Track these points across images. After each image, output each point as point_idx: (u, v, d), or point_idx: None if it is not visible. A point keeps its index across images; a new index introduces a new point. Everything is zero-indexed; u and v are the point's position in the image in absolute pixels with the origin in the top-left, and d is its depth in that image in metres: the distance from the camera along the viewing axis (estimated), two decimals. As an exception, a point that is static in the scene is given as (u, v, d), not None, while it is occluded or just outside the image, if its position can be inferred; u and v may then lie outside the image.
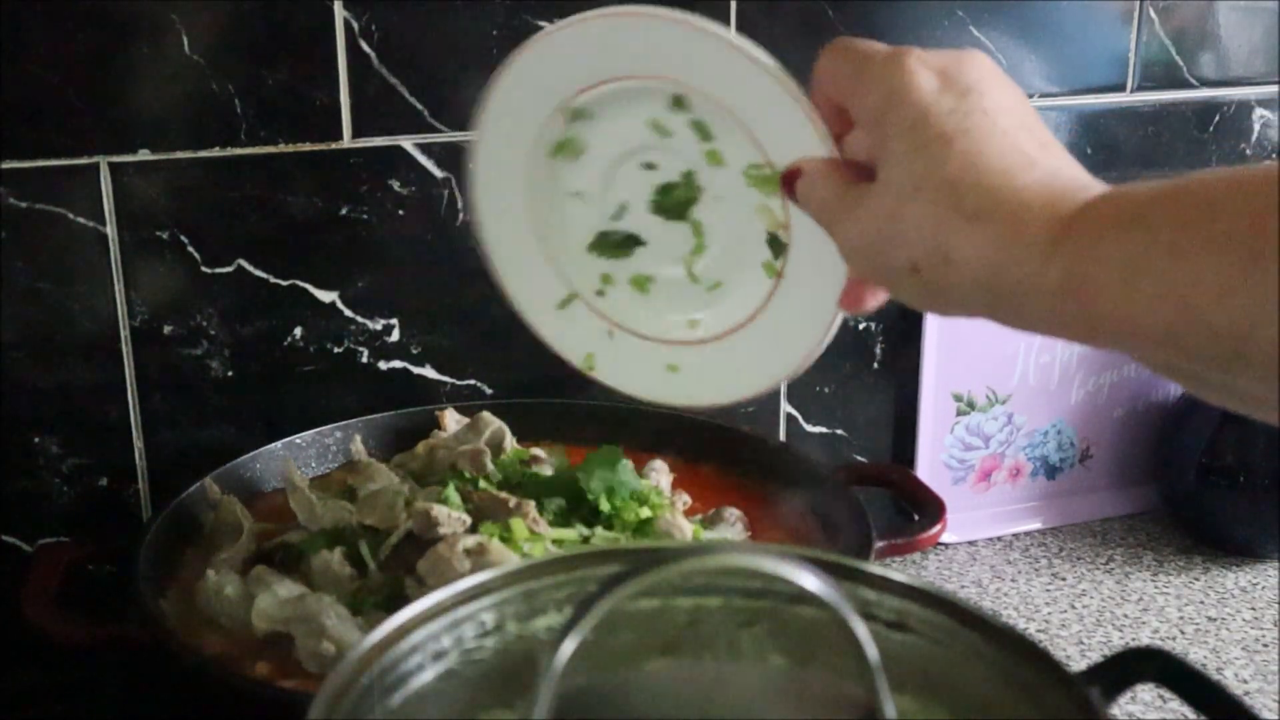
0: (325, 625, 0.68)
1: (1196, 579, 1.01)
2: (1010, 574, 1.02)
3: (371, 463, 0.85)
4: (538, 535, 0.75)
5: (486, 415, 0.88)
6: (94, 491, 0.89)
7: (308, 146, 0.88)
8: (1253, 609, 0.97)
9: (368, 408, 0.93)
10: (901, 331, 1.05)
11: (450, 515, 0.74)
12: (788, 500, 0.87)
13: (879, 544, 0.80)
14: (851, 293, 0.55)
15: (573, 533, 0.77)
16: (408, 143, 0.90)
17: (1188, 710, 0.49)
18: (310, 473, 0.89)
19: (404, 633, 0.45)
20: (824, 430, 1.06)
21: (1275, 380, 0.39)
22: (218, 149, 0.87)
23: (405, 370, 0.95)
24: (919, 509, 0.90)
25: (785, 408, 1.05)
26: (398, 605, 0.47)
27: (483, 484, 0.80)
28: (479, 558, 0.71)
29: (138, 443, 0.89)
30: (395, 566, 0.74)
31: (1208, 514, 1.05)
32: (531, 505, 0.76)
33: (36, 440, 0.87)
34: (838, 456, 1.06)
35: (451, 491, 0.77)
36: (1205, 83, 1.09)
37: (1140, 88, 1.07)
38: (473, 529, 0.75)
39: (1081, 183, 0.47)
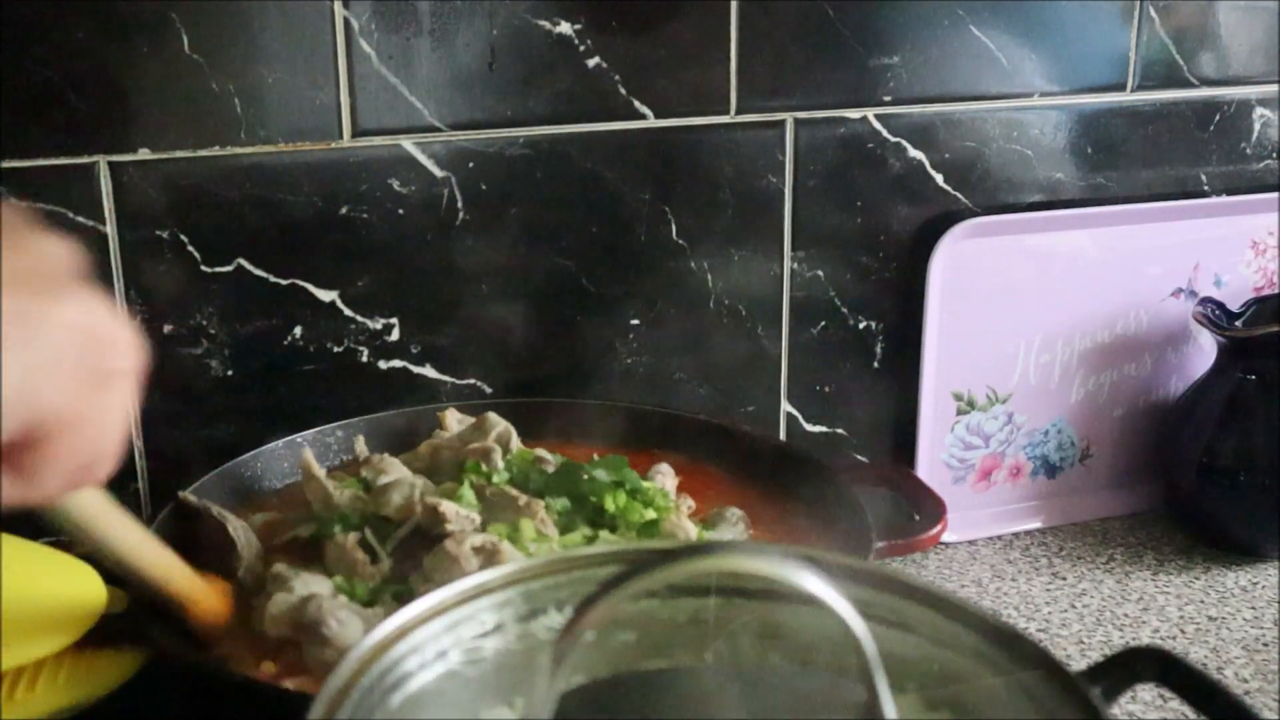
0: (327, 635, 0.68)
1: (1197, 579, 1.01)
2: (1010, 574, 1.02)
3: (385, 457, 0.85)
4: (545, 536, 0.75)
5: (492, 416, 0.88)
6: (94, 491, 0.89)
7: (308, 146, 0.88)
8: (1253, 609, 0.97)
9: (368, 407, 0.93)
10: (901, 331, 1.05)
11: (459, 513, 0.74)
12: (788, 500, 0.87)
13: (879, 544, 0.80)
14: None
15: (578, 536, 0.77)
16: (408, 143, 0.90)
17: (1188, 710, 0.49)
18: (311, 472, 0.89)
19: (404, 633, 0.45)
20: (824, 430, 1.06)
21: None
22: (217, 149, 0.87)
23: (405, 370, 0.95)
24: (919, 509, 0.90)
25: (785, 407, 1.05)
26: (408, 599, 0.47)
27: (496, 479, 0.80)
28: (489, 557, 0.71)
29: (137, 443, 0.89)
30: (404, 560, 0.74)
31: (1208, 514, 1.05)
32: (541, 505, 0.76)
33: (36, 440, 0.87)
34: (838, 456, 1.06)
35: (467, 489, 0.77)
36: (1205, 82, 1.09)
37: (1140, 87, 1.07)
38: (482, 527, 0.75)
39: None
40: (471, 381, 0.97)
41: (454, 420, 0.90)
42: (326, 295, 0.92)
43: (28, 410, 0.40)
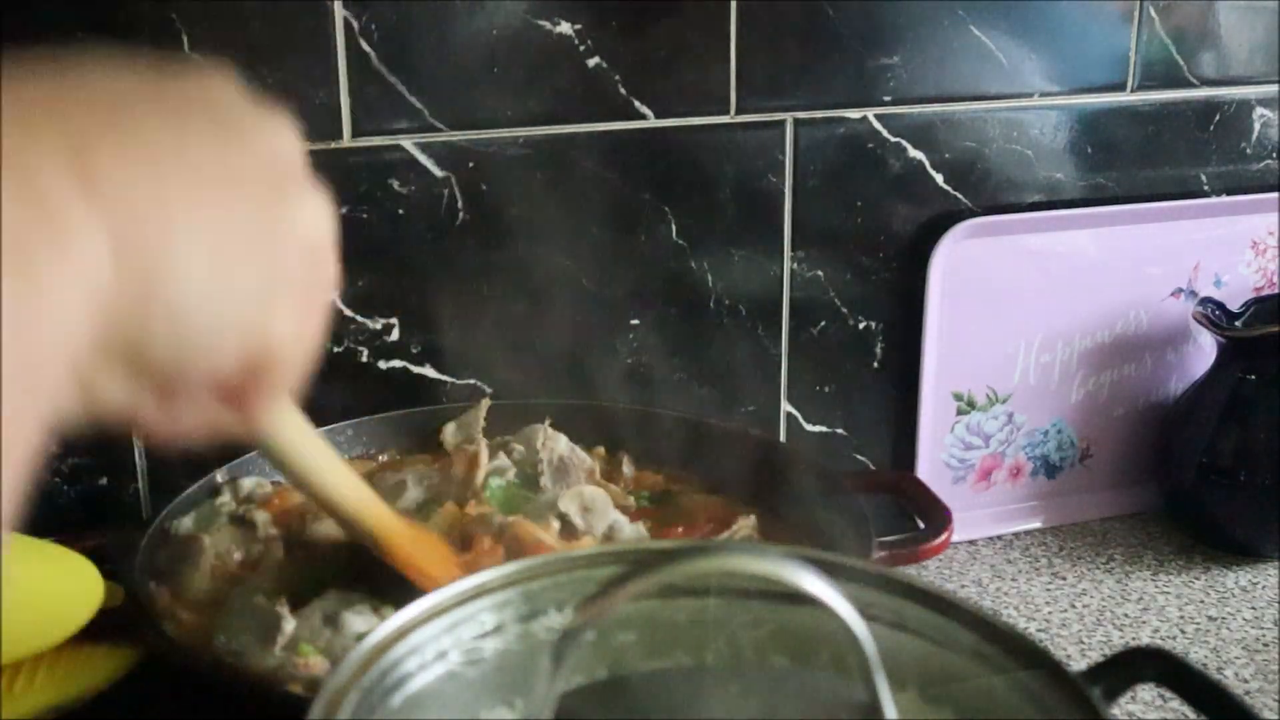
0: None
1: (1197, 578, 1.01)
2: (1010, 574, 1.02)
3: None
4: None
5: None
6: (94, 491, 0.89)
7: (307, 146, 0.88)
8: (1253, 608, 0.97)
9: (367, 408, 0.93)
10: (901, 331, 1.05)
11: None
12: (789, 505, 0.87)
13: (880, 554, 0.79)
14: None
15: None
16: (408, 143, 0.90)
17: (1188, 710, 0.49)
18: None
19: (404, 633, 0.45)
20: (824, 430, 1.06)
21: None
22: (218, 149, 0.86)
23: (405, 370, 0.95)
24: (925, 517, 0.89)
25: (785, 407, 1.05)
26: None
27: None
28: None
29: (138, 442, 0.89)
30: None
31: (1208, 514, 1.05)
32: None
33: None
34: (838, 456, 1.06)
35: None
36: (1205, 82, 1.09)
37: (1140, 87, 1.07)
38: None
39: None
40: (471, 381, 0.97)
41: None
42: (326, 295, 0.92)
43: (261, 337, 0.35)
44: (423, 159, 0.91)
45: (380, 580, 0.72)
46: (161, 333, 0.31)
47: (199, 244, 0.31)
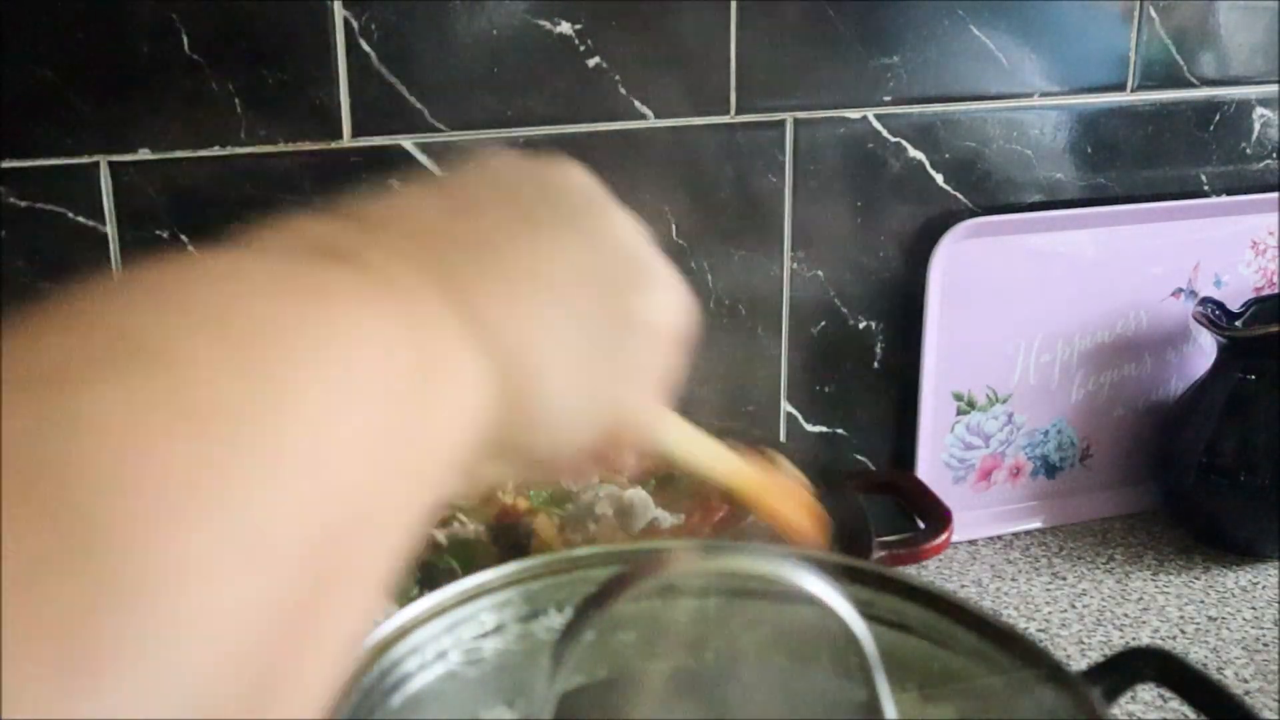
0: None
1: (1197, 579, 1.01)
2: (1010, 574, 1.02)
3: None
4: None
5: None
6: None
7: (307, 146, 0.88)
8: (1253, 609, 0.97)
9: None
10: (901, 331, 1.05)
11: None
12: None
13: (880, 554, 0.79)
14: None
15: None
16: (408, 143, 0.90)
17: (1188, 710, 0.49)
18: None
19: (404, 633, 0.46)
20: (824, 430, 1.06)
21: None
22: (217, 149, 0.86)
23: (405, 370, 0.95)
24: (925, 517, 0.89)
25: (785, 407, 1.05)
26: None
27: None
28: None
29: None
30: None
31: (1208, 514, 1.05)
32: None
33: (36, 440, 0.87)
34: (838, 456, 1.06)
35: None
36: (1206, 82, 1.09)
37: (1140, 87, 1.07)
38: None
39: None
40: (471, 381, 0.97)
41: None
42: (326, 295, 0.92)
43: (615, 415, 0.39)
44: (423, 159, 0.91)
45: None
46: (531, 431, 0.35)
47: (559, 353, 0.35)
